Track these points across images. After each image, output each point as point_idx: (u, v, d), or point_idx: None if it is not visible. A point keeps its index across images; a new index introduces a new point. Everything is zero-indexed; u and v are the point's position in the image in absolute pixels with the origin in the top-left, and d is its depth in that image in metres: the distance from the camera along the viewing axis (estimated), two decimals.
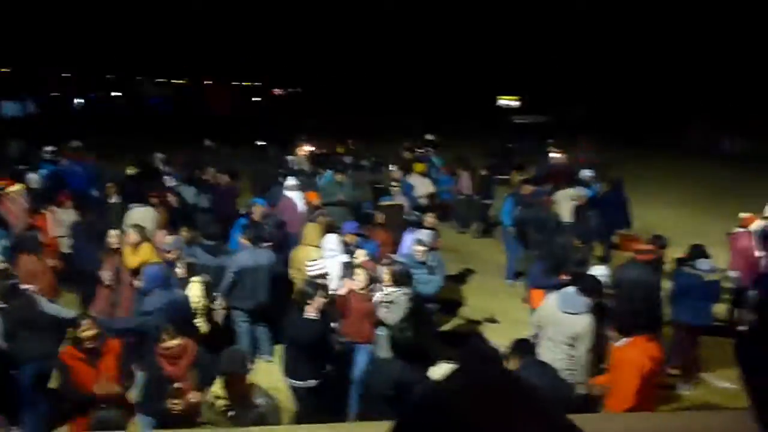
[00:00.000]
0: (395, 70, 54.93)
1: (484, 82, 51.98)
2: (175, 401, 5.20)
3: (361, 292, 6.74)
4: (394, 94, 52.25)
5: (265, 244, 8.05)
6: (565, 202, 11.79)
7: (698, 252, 7.76)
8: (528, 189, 11.79)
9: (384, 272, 6.81)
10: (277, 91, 67.10)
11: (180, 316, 6.22)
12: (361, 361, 6.68)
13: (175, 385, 5.26)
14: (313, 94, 59.62)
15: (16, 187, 10.68)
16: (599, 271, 7.07)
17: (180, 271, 7.26)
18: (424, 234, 8.33)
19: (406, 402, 4.46)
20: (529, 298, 8.28)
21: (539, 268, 7.74)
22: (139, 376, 6.02)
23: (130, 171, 13.20)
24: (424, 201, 12.76)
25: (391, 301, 6.49)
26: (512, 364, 4.96)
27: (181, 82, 64.89)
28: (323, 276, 7.08)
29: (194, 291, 6.95)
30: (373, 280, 6.85)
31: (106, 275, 7.96)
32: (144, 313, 6.25)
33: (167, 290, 6.53)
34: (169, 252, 7.76)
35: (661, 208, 16.21)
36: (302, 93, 65.27)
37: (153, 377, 5.53)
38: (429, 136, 19.33)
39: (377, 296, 6.71)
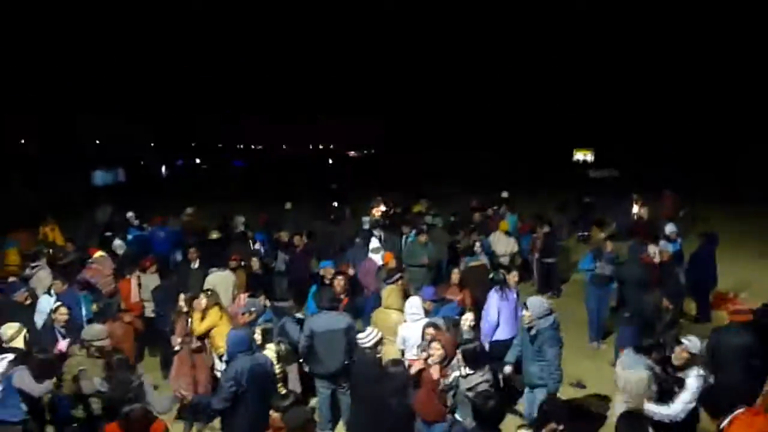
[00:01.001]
0: (471, 127, 55.15)
1: (560, 135, 51.46)
2: None
3: (435, 366, 6.30)
4: (466, 149, 52.31)
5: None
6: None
7: None
8: (610, 245, 11.27)
9: (457, 354, 6.31)
10: (352, 153, 68.50)
11: (269, 382, 6.17)
12: None
13: None
14: (388, 153, 60.42)
15: (99, 254, 11.02)
16: (693, 342, 6.41)
17: (256, 336, 7.17)
18: (532, 298, 7.26)
19: None
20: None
21: (630, 329, 7.21)
22: None
23: (214, 235, 13.47)
24: (506, 260, 12.43)
25: (469, 387, 6.01)
26: None
27: (259, 147, 67.40)
28: (379, 344, 6.85)
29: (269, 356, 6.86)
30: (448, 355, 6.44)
31: (175, 340, 8.02)
32: (230, 378, 6.13)
33: (250, 355, 6.34)
34: (244, 314, 7.76)
35: (747, 262, 15.11)
36: (376, 153, 66.30)
37: None
38: (504, 194, 18.99)
39: (453, 375, 6.25)
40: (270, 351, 6.96)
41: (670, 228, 12.36)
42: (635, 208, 17.19)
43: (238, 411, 5.98)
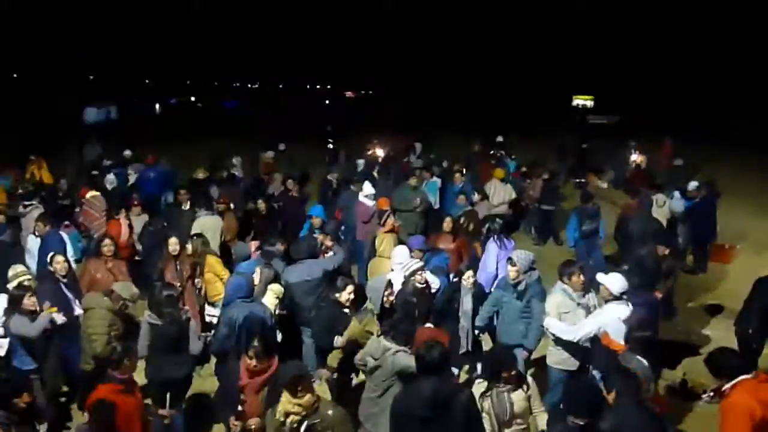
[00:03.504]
0: (467, 69, 54.28)
1: (559, 80, 50.70)
2: (236, 422, 5.02)
3: None
4: (465, 94, 51.60)
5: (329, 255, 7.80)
6: (657, 210, 11.09)
7: None
8: (630, 205, 10.88)
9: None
10: (348, 93, 67.54)
11: (263, 330, 5.97)
12: None
13: (240, 406, 5.13)
14: (385, 95, 59.62)
15: (92, 194, 10.83)
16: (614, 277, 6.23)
17: (256, 278, 6.94)
18: (519, 252, 7.00)
19: None
20: None
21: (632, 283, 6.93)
22: None
23: (200, 175, 13.22)
24: (503, 209, 12.18)
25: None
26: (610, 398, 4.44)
27: (254, 86, 66.39)
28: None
29: (269, 299, 6.69)
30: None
31: (169, 277, 7.82)
32: (225, 324, 6.01)
33: (249, 302, 6.23)
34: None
35: (748, 214, 14.90)
36: (373, 95, 65.42)
37: (227, 386, 5.37)
38: (499, 138, 18.66)
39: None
40: (271, 293, 6.75)
41: (693, 184, 11.87)
42: (633, 156, 16.96)
43: (232, 358, 5.88)
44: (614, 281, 5.98)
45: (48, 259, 7.23)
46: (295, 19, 54.30)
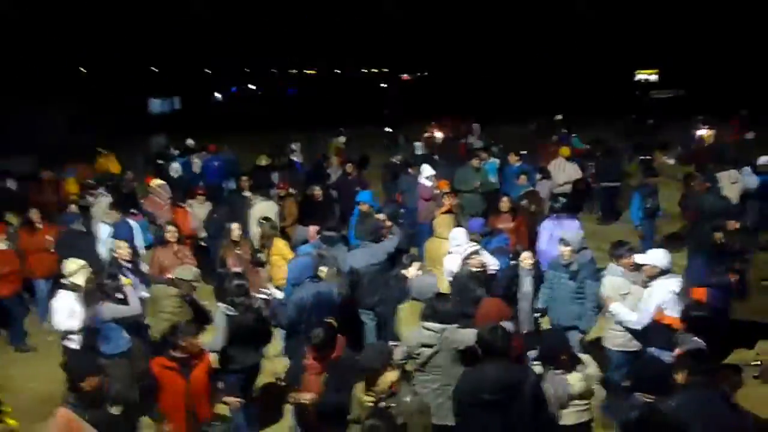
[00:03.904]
0: (524, 47, 53.15)
1: (620, 55, 49.06)
2: (294, 396, 5.21)
3: None
4: (524, 74, 50.62)
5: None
6: (729, 187, 10.62)
7: None
8: (698, 182, 10.47)
9: None
10: (404, 77, 67.19)
11: (331, 310, 6.15)
12: None
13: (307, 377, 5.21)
14: (442, 77, 59.09)
15: (157, 182, 11.10)
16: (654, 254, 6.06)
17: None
18: (570, 231, 7.06)
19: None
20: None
21: (699, 262, 6.72)
22: None
23: (263, 162, 13.41)
24: (567, 188, 11.96)
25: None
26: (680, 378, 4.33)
27: (312, 72, 66.86)
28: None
29: None
30: None
31: (234, 266, 7.93)
32: (296, 304, 6.15)
33: (316, 282, 6.38)
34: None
35: None
36: (430, 76, 64.91)
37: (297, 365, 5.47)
38: (558, 117, 18.26)
39: None
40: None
41: (763, 159, 11.28)
42: (700, 131, 16.34)
43: (301, 337, 6.00)
44: (658, 257, 5.84)
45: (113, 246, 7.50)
46: (349, 3, 54.26)
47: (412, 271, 6.44)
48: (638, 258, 5.92)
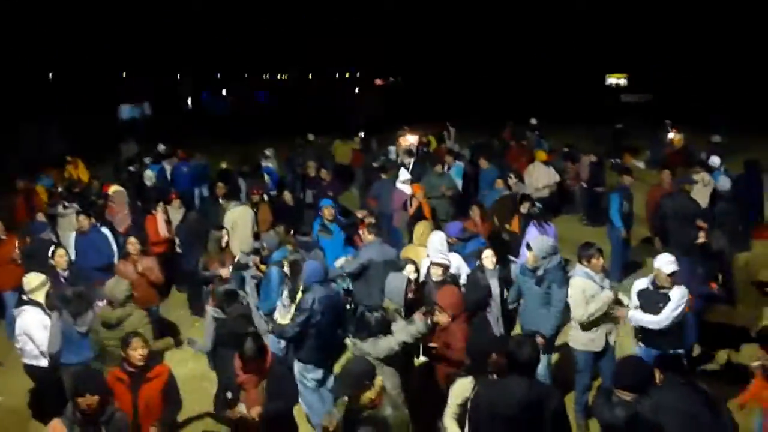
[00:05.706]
0: (496, 51, 53.60)
1: (591, 59, 49.74)
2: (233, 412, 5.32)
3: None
4: (495, 77, 51.02)
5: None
6: (700, 189, 10.77)
7: None
8: (666, 180, 10.58)
9: None
10: (377, 81, 67.34)
11: (339, 311, 6.43)
12: None
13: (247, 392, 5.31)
14: (414, 82, 59.29)
15: (114, 188, 10.71)
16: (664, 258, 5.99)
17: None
18: (535, 237, 7.08)
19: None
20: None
21: (689, 270, 6.66)
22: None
23: (223, 165, 13.44)
24: (546, 192, 12.05)
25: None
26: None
27: (283, 78, 66.63)
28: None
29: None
30: None
31: (223, 272, 7.83)
32: (306, 308, 6.14)
33: (325, 286, 6.47)
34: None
35: None
36: (402, 82, 65.12)
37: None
38: (533, 121, 18.36)
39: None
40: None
41: (715, 159, 11.59)
42: (670, 135, 16.55)
43: (310, 338, 6.16)
44: (667, 262, 5.86)
45: (50, 253, 7.39)
46: (323, 7, 54.26)
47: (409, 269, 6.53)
48: (671, 266, 5.88)
